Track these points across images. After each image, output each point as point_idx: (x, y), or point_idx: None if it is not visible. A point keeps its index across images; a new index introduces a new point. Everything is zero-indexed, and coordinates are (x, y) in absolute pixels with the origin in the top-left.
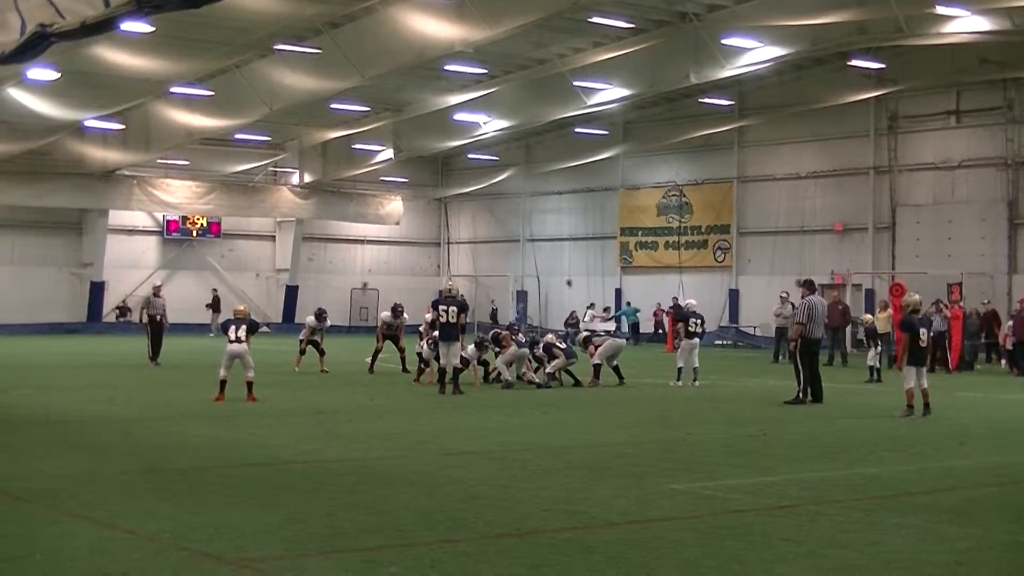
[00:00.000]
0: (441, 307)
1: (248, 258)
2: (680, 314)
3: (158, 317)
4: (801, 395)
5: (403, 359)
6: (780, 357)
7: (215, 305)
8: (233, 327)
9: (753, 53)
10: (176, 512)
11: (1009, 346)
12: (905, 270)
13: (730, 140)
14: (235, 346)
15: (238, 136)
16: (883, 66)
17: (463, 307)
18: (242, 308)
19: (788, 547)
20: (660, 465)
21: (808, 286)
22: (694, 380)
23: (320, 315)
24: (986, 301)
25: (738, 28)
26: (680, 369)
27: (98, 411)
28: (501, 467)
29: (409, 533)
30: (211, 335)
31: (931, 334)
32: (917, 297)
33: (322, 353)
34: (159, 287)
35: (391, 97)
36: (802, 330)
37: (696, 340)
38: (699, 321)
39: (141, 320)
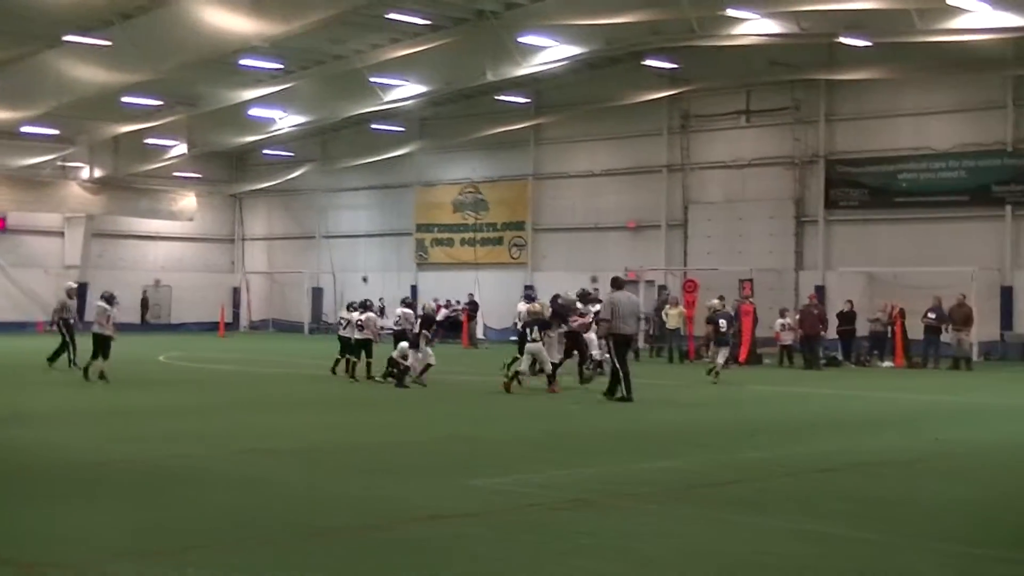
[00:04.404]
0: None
1: (35, 254)
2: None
3: (71, 320)
4: (625, 392)
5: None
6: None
7: None
8: None
9: (549, 52)
10: None
11: (789, 341)
12: (697, 266)
13: (526, 137)
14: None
15: (25, 129)
16: (676, 66)
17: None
18: None
19: (584, 540)
20: (458, 462)
21: (615, 283)
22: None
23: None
24: (736, 299)
25: (534, 27)
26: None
27: None
28: (302, 465)
29: (213, 534)
30: None
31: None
32: (716, 302)
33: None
34: (74, 289)
35: (185, 91)
36: (608, 327)
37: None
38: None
39: (54, 324)
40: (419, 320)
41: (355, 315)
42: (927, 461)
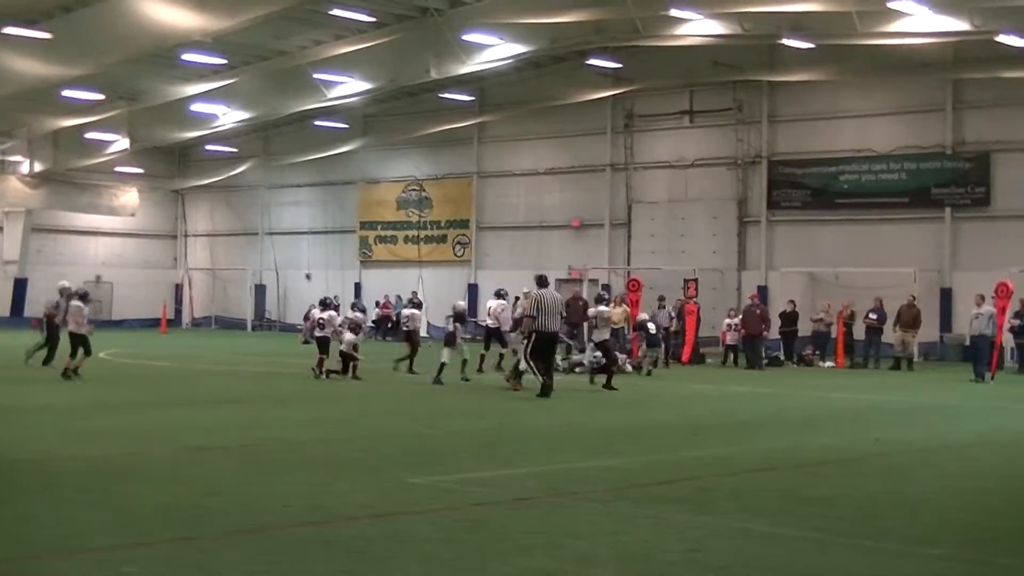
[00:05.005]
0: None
1: None
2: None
3: (55, 320)
4: (514, 377)
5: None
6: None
7: None
8: None
9: (493, 50)
10: None
11: (732, 341)
12: (640, 266)
13: (470, 135)
14: None
15: None
16: (620, 66)
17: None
18: None
19: (527, 539)
20: (400, 459)
21: (540, 281)
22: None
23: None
24: (679, 299)
25: (479, 25)
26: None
27: None
28: (239, 463)
29: (145, 531)
30: None
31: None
32: (644, 316)
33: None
34: (66, 289)
35: (126, 85)
36: (532, 323)
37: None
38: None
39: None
40: (452, 318)
41: (316, 312)
42: (867, 460)
